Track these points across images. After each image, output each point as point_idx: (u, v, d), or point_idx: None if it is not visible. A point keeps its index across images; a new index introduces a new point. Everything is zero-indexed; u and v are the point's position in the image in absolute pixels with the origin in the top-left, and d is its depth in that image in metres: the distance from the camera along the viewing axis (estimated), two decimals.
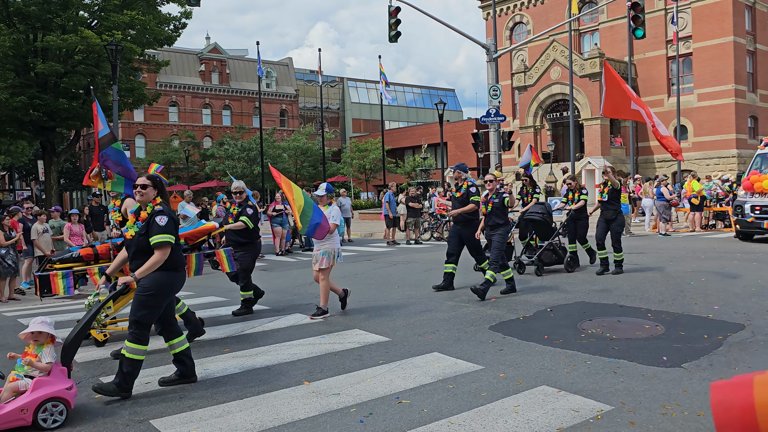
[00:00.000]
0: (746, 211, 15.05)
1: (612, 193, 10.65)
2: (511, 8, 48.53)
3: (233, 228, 8.55)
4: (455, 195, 9.62)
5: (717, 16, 37.51)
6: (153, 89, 42.56)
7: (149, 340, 5.11)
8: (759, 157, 15.84)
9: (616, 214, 10.54)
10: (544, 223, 10.87)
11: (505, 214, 9.28)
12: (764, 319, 6.79)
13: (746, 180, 15.61)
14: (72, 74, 23.95)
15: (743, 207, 15.15)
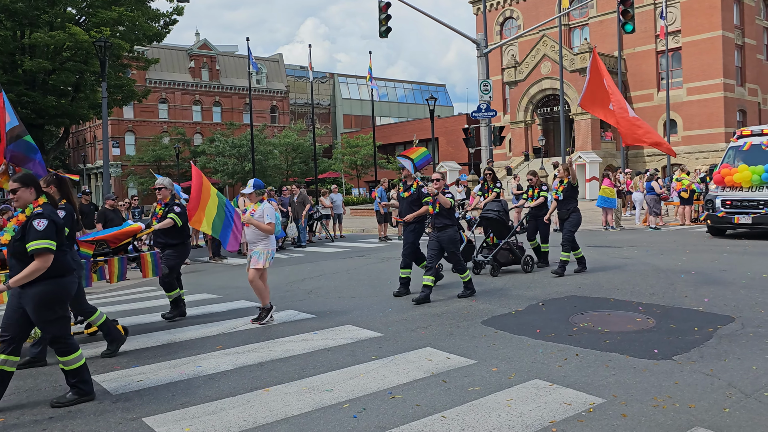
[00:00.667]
0: (717, 205, 14.69)
1: (568, 192, 10.14)
2: (501, 3, 48.56)
3: (161, 227, 7.89)
4: (403, 195, 9.05)
5: (705, 10, 37.71)
6: (142, 86, 42.39)
7: (77, 344, 4.91)
8: (732, 150, 15.43)
9: (569, 213, 10.03)
10: (500, 222, 10.50)
11: (453, 214, 8.63)
12: (753, 311, 6.85)
13: (717, 174, 15.20)
14: (60, 71, 23.76)
15: (714, 201, 14.77)
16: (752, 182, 14.14)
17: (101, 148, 53.14)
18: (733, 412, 4.10)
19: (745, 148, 14.88)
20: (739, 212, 14.19)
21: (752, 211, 13.97)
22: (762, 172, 14.02)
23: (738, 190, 14.40)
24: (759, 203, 13.93)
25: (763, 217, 13.82)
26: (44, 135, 27.92)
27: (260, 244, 7.44)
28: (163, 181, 8.15)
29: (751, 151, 14.72)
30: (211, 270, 14.12)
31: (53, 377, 5.58)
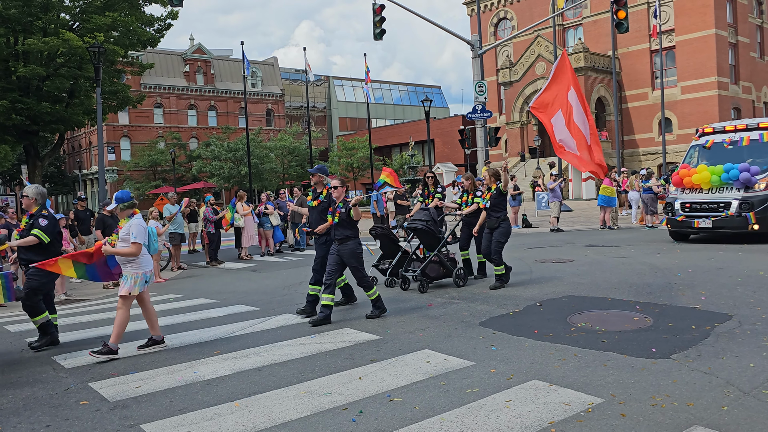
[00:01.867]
0: (676, 208, 13.66)
1: (496, 199, 9.23)
2: (495, 4, 48.65)
3: (22, 244, 6.90)
4: (311, 204, 8.16)
5: (699, 9, 37.84)
6: (137, 91, 42.29)
7: None
8: (693, 148, 14.43)
9: (499, 221, 9.15)
10: (427, 232, 9.47)
11: (355, 225, 7.74)
12: (750, 309, 6.86)
13: (675, 175, 14.12)
14: (54, 77, 23.71)
15: (673, 205, 13.76)
16: (712, 183, 13.14)
17: (96, 153, 53.15)
18: (731, 410, 4.11)
19: (707, 147, 14.07)
20: (699, 216, 13.20)
21: (712, 215, 12.99)
22: (721, 172, 12.98)
23: (698, 191, 13.41)
24: (719, 205, 12.96)
25: (723, 220, 12.79)
26: (39, 141, 27.88)
27: (128, 266, 6.44)
28: (28, 189, 7.04)
29: (714, 149, 13.92)
30: (208, 274, 14.09)
31: (50, 385, 5.56)
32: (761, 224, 12.42)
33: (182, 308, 9.41)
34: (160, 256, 14.10)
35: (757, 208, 12.47)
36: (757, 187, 12.64)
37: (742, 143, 13.43)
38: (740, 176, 12.66)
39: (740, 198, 12.66)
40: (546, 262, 11.56)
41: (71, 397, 5.14)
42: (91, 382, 5.56)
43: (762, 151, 13.18)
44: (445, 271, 9.60)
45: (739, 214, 12.56)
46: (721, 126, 14.38)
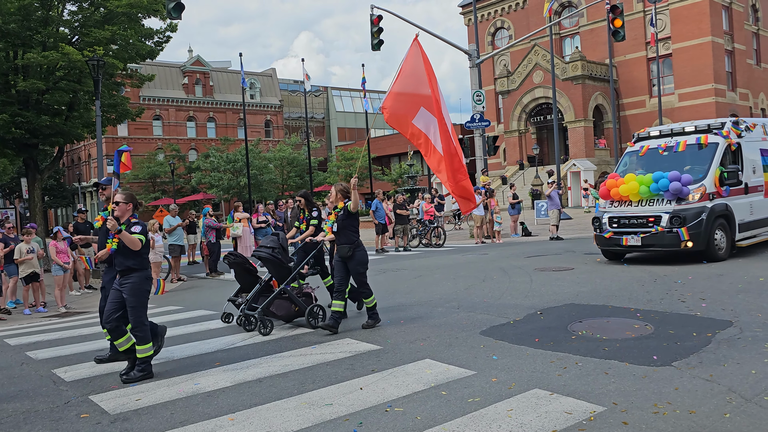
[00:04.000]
0: (604, 224, 11.94)
1: (345, 220, 7.64)
2: (492, 14, 48.90)
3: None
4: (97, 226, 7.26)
5: (695, 16, 38.05)
6: (136, 103, 42.45)
7: None
8: (627, 156, 12.91)
9: (352, 249, 7.55)
10: (274, 262, 8.08)
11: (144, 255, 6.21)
12: (751, 316, 6.85)
13: (603, 186, 12.46)
14: (54, 91, 23.76)
15: (601, 219, 12.04)
16: (640, 194, 11.46)
17: (96, 166, 53.18)
18: (733, 417, 4.10)
19: (641, 154, 12.52)
20: (628, 232, 11.50)
21: (642, 231, 11.29)
22: (650, 182, 11.30)
23: (627, 204, 11.75)
24: (648, 220, 11.29)
25: (653, 237, 11.11)
26: (39, 154, 27.90)
27: None
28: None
29: (648, 156, 12.33)
30: (208, 286, 14.07)
31: (50, 398, 5.54)
32: (696, 241, 10.79)
33: (182, 320, 9.40)
34: (160, 267, 14.10)
35: (690, 223, 10.83)
36: (691, 199, 11.01)
37: (678, 149, 11.88)
38: (670, 186, 11.02)
39: (671, 211, 11.02)
40: (546, 270, 11.56)
41: (72, 411, 5.12)
42: (91, 395, 5.54)
43: (700, 157, 11.62)
44: (297, 308, 8.05)
45: (670, 229, 10.94)
46: (656, 130, 12.85)
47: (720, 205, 11.21)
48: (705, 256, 11.06)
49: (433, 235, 19.73)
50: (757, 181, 12.33)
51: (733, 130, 11.80)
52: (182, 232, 16.11)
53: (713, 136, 11.68)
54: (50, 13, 23.53)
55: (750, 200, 12.06)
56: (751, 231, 12.10)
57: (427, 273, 12.61)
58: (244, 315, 7.97)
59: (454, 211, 28.62)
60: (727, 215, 11.38)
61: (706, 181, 11.18)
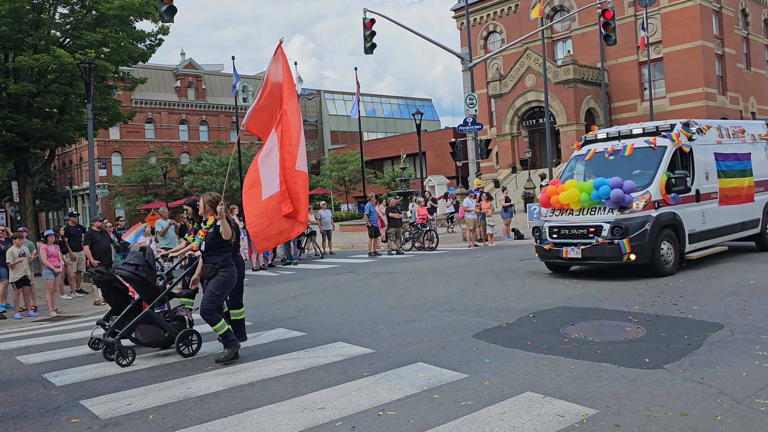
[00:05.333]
0: (544, 234, 11.05)
1: (213, 239, 6.76)
2: (484, 18, 49.07)
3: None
4: None
5: (685, 21, 38.30)
6: (128, 106, 42.30)
7: None
8: (574, 160, 12.00)
9: (215, 269, 6.78)
10: (138, 281, 7.07)
11: None
12: (742, 318, 6.89)
13: (543, 193, 11.43)
14: (45, 94, 23.65)
15: (541, 229, 11.17)
16: (581, 202, 10.48)
17: (87, 169, 52.92)
18: (725, 420, 4.11)
19: (587, 158, 11.65)
20: (568, 243, 10.59)
21: (582, 242, 10.36)
22: (590, 189, 10.33)
23: (568, 213, 10.80)
24: (588, 230, 10.36)
25: (594, 249, 10.15)
26: (30, 158, 27.75)
27: None
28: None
29: (594, 161, 11.44)
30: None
31: (41, 403, 5.50)
32: (639, 253, 9.86)
33: None
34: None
35: (633, 234, 9.88)
36: (635, 207, 10.06)
37: (625, 152, 11.03)
38: (611, 194, 10.05)
39: (612, 221, 10.09)
40: (538, 273, 11.58)
41: (62, 415, 5.09)
42: (82, 399, 5.51)
43: (647, 162, 10.71)
44: (167, 334, 7.09)
45: (611, 241, 9.99)
46: (604, 132, 11.92)
47: (667, 214, 10.26)
48: (649, 270, 10.13)
49: (426, 239, 19.74)
50: (711, 188, 11.28)
51: (684, 133, 10.90)
52: (174, 236, 16.04)
53: (662, 139, 10.79)
54: (41, 15, 23.43)
55: (702, 208, 11.04)
56: (703, 242, 11.11)
57: (419, 276, 12.62)
58: (104, 342, 6.96)
59: (448, 215, 28.66)
60: (675, 225, 10.42)
61: (651, 188, 10.21)
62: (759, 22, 45.77)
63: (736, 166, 12.01)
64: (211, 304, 6.68)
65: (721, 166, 11.60)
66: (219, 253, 6.83)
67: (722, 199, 11.49)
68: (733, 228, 11.80)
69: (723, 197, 11.50)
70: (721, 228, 11.52)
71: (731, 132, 12.23)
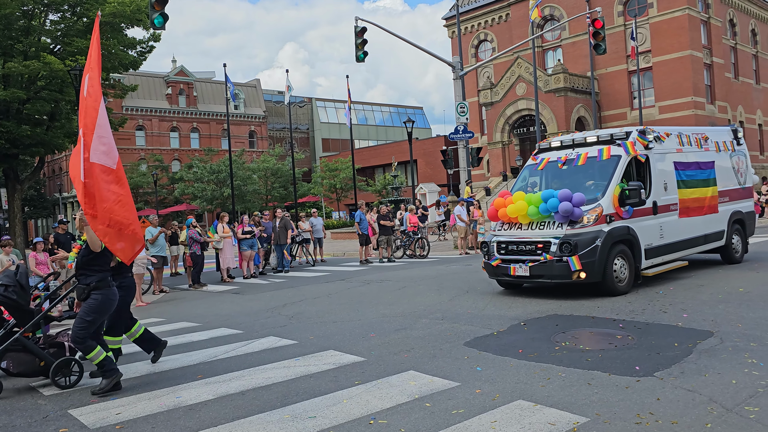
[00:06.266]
0: (492, 250, 10.26)
1: (86, 258, 6.10)
2: (475, 26, 49.32)
3: None
4: None
5: (674, 30, 38.65)
6: (119, 114, 42.14)
7: None
8: (527, 170, 11.32)
9: (88, 291, 6.03)
10: (8, 304, 6.35)
11: None
12: (732, 326, 6.93)
13: (491, 205, 10.69)
14: (35, 100, 23.56)
15: (489, 244, 10.37)
16: (529, 216, 9.73)
17: None
18: (715, 427, 4.13)
19: (540, 168, 10.99)
20: (516, 260, 9.83)
21: (530, 258, 9.62)
22: (539, 201, 9.60)
23: (517, 227, 10.05)
24: (537, 246, 9.62)
25: (542, 266, 9.42)
26: (19, 164, 27.58)
27: None
28: None
29: (547, 171, 10.82)
30: (191, 297, 13.95)
31: (28, 413, 5.45)
32: (589, 271, 9.14)
33: (164, 332, 9.29)
34: (142, 279, 13.96)
35: (583, 250, 9.15)
36: (586, 221, 9.35)
37: (578, 162, 10.35)
38: (559, 207, 9.32)
39: (561, 237, 9.38)
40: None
41: (50, 425, 5.04)
42: (70, 408, 5.46)
43: (601, 172, 10.02)
44: (43, 363, 6.32)
45: (560, 258, 9.26)
46: (558, 140, 11.21)
47: (620, 228, 9.55)
48: (601, 289, 9.44)
49: (417, 246, 19.75)
50: (669, 199, 10.61)
51: (640, 141, 10.27)
52: (165, 243, 15.96)
53: (616, 148, 10.11)
54: (32, 22, 23.38)
55: (660, 221, 10.33)
56: (662, 257, 10.42)
57: (411, 284, 12.61)
58: None
59: (439, 222, 28.69)
60: (630, 240, 9.71)
61: (603, 200, 9.51)
62: (746, 32, 46.26)
63: (699, 175, 11.39)
64: (82, 331, 5.93)
65: (681, 175, 10.97)
66: (92, 273, 6.06)
67: (683, 211, 10.84)
68: (695, 241, 11.17)
69: (684, 209, 10.85)
70: (682, 241, 10.85)
71: (693, 139, 11.59)
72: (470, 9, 48.52)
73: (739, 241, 12.35)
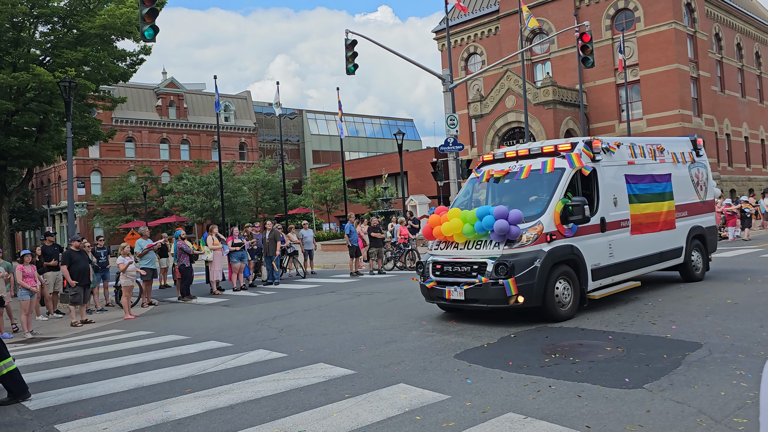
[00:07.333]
0: (428, 271, 9.38)
1: None
2: (465, 39, 49.68)
3: None
4: None
5: (661, 44, 39.12)
6: (109, 125, 41.99)
7: None
8: (470, 183, 10.58)
9: None
10: None
11: None
12: (720, 338, 6.97)
13: (427, 223, 9.92)
14: (24, 112, 23.42)
15: (425, 265, 9.49)
16: (465, 235, 8.96)
17: (66, 188, 52.33)
18: None
19: (483, 180, 10.19)
20: (451, 282, 8.96)
21: (465, 281, 8.76)
22: (474, 219, 8.85)
23: (453, 246, 9.23)
24: (472, 267, 8.76)
25: (477, 290, 8.57)
26: (7, 176, 27.38)
27: None
28: None
29: (492, 185, 10.13)
30: (180, 310, 13.86)
31: (14, 428, 5.38)
32: (527, 295, 8.34)
33: (153, 345, 9.23)
34: (131, 291, 13.86)
35: (520, 273, 8.34)
36: (525, 241, 8.56)
37: (521, 176, 9.59)
38: (495, 226, 8.54)
39: (498, 257, 8.56)
40: None
41: None
42: (57, 424, 5.40)
43: (544, 186, 9.27)
44: None
45: (495, 281, 8.42)
46: (501, 153, 10.42)
47: (563, 248, 8.76)
48: (542, 315, 8.63)
49: (408, 258, 19.74)
50: (620, 215, 9.85)
51: (586, 153, 9.51)
52: (154, 256, 15.88)
53: (560, 161, 9.36)
54: (21, 34, 23.30)
55: (609, 239, 9.57)
56: (611, 277, 9.65)
57: (401, 296, 12.60)
58: None
59: None
60: (574, 260, 8.91)
61: (543, 217, 8.75)
62: (732, 46, 46.89)
63: (653, 189, 10.68)
64: None
65: (634, 189, 10.24)
66: None
67: (635, 227, 10.10)
68: (650, 259, 10.44)
69: (636, 225, 10.13)
70: (635, 260, 10.09)
71: (647, 150, 10.85)
72: (460, 22, 48.89)
73: (699, 257, 11.64)
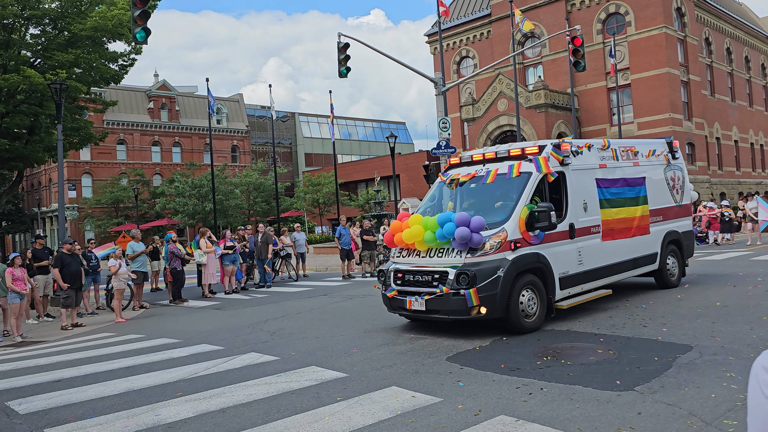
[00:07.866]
0: (389, 279, 8.96)
1: None
2: (457, 43, 49.82)
3: None
4: None
5: (652, 48, 39.37)
6: (100, 128, 41.77)
7: None
8: (437, 188, 10.09)
9: None
10: None
11: None
12: (710, 340, 7.01)
13: (388, 229, 9.53)
14: (14, 114, 23.28)
15: (386, 273, 9.09)
16: (426, 242, 8.56)
17: (57, 190, 52.01)
18: None
19: (453, 186, 9.71)
20: (413, 292, 8.54)
21: (426, 291, 8.34)
22: (435, 226, 8.45)
23: (415, 254, 8.80)
24: (433, 277, 8.34)
25: (438, 300, 8.16)
26: None
27: None
28: None
29: (460, 189, 9.62)
30: (171, 313, 13.80)
31: None
32: (490, 306, 7.90)
33: (144, 348, 9.18)
34: (122, 294, 13.80)
35: (482, 283, 7.90)
36: (488, 249, 8.11)
37: (488, 180, 9.17)
38: (456, 233, 8.13)
39: (459, 266, 8.13)
40: None
41: None
42: (47, 428, 5.36)
43: (510, 191, 8.85)
44: None
45: (457, 291, 7.99)
46: (468, 156, 10.07)
47: (528, 256, 8.34)
48: (506, 326, 8.21)
49: None
50: (590, 221, 9.46)
51: (554, 156, 9.12)
52: (146, 259, 15.81)
53: (527, 164, 8.96)
54: (12, 36, 23.16)
55: (578, 246, 9.16)
56: (581, 286, 9.24)
57: None
58: None
59: None
60: (540, 269, 8.51)
61: (507, 224, 8.30)
62: (722, 51, 47.25)
63: (626, 193, 10.30)
64: None
65: (605, 193, 9.85)
66: None
67: (607, 233, 9.73)
68: (622, 266, 10.06)
69: (608, 231, 9.76)
70: (606, 267, 9.69)
71: (620, 153, 10.43)
72: (452, 26, 49.02)
73: (675, 263, 11.35)
